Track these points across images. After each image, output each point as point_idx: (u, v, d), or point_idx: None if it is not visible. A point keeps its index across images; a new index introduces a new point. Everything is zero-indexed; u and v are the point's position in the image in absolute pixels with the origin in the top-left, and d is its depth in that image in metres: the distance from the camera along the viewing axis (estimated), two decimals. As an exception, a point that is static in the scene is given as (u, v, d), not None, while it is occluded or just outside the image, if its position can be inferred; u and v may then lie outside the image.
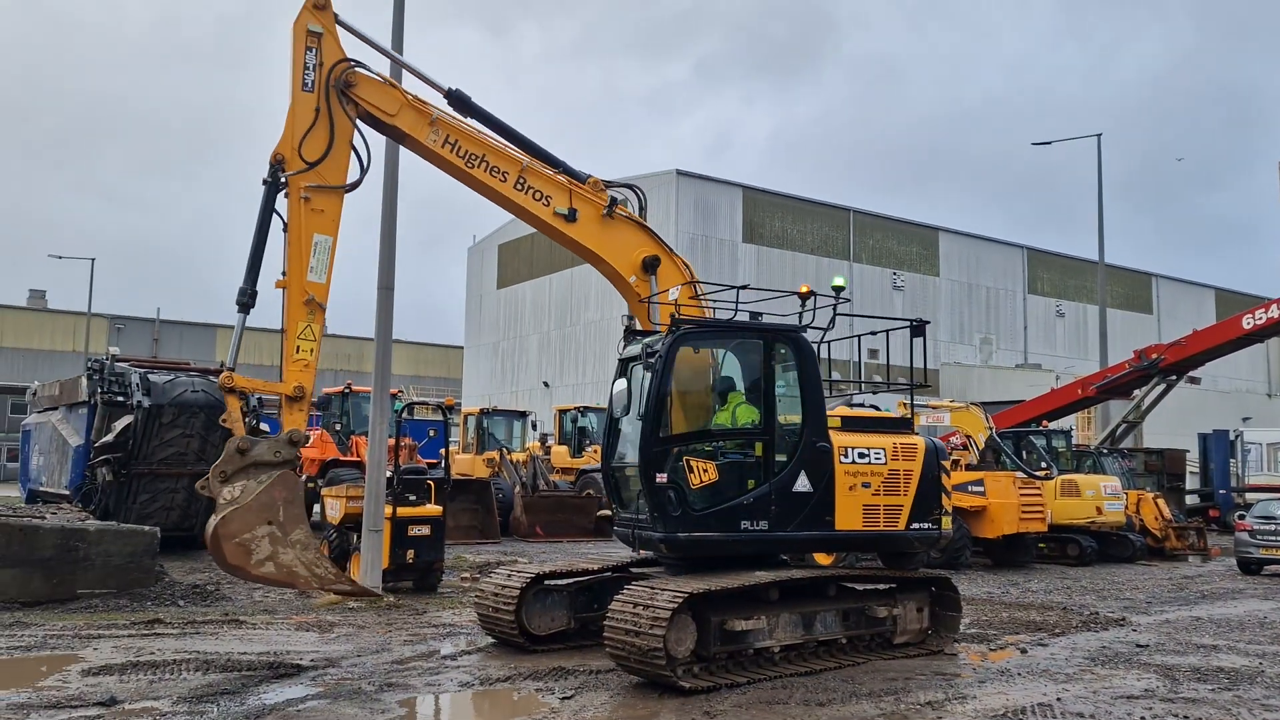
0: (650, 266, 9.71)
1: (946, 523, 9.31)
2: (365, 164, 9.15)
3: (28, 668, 8.25)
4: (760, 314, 9.40)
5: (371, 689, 7.60)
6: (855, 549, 9.41)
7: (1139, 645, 10.20)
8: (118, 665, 8.17)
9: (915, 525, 9.08)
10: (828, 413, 9.16)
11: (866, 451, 8.93)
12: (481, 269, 53.10)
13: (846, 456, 8.82)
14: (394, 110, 9.18)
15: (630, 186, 10.45)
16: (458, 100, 9.28)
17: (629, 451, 8.77)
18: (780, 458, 8.62)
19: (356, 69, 9.12)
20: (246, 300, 8.87)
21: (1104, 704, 7.57)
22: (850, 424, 9.21)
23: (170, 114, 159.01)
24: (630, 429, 8.75)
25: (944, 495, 9.32)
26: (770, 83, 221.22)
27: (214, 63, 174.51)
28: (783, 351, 8.88)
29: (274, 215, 8.84)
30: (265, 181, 8.80)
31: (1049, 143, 34.62)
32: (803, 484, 8.59)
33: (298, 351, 8.70)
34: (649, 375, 8.35)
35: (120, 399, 16.32)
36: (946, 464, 9.49)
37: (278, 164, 8.77)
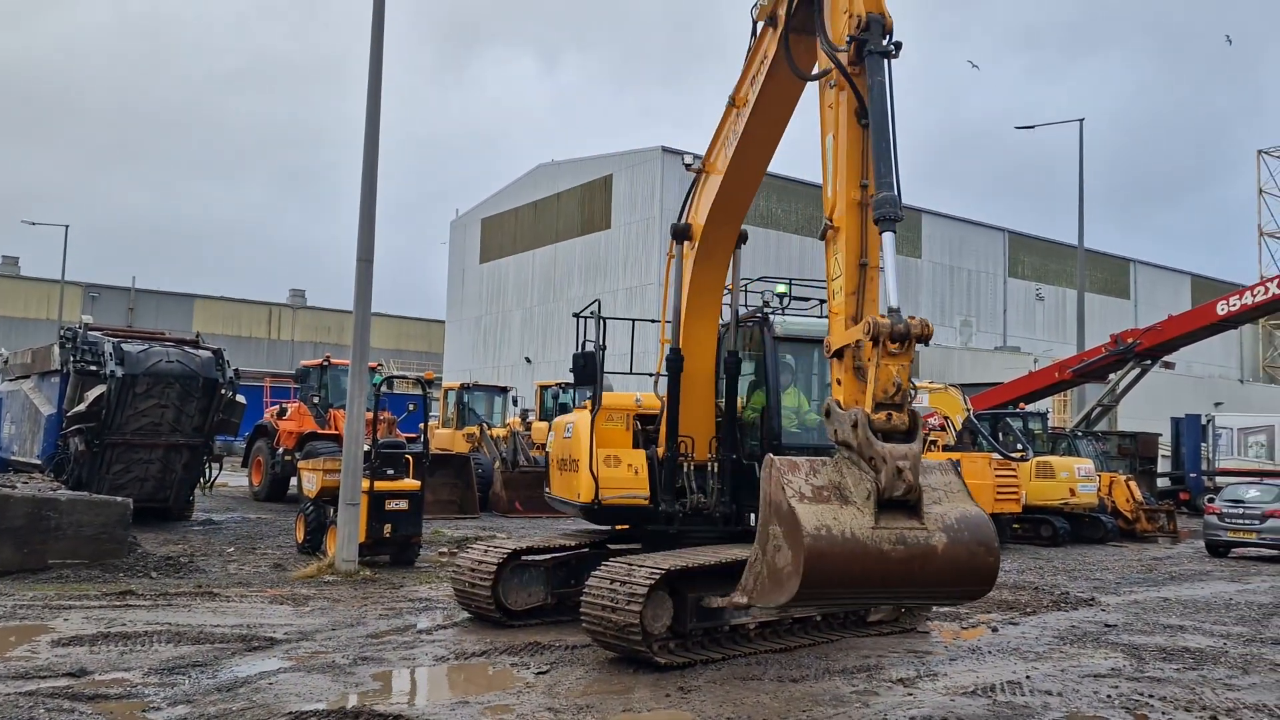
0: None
1: None
2: None
3: (-3, 638, 8.19)
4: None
5: (345, 662, 7.59)
6: None
7: (1107, 625, 10.34)
8: (88, 636, 8.12)
9: None
10: None
11: None
12: (464, 243, 52.73)
13: None
14: None
15: None
16: None
17: None
18: None
19: None
20: None
21: (1071, 682, 7.68)
22: None
23: (237, 124, 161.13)
24: None
25: None
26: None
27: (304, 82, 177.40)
28: None
29: None
30: None
31: (1032, 126, 34.74)
32: None
33: None
34: None
35: (93, 368, 16.13)
36: None
37: None
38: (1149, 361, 27.30)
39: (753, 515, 8.78)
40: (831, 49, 6.45)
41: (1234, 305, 24.86)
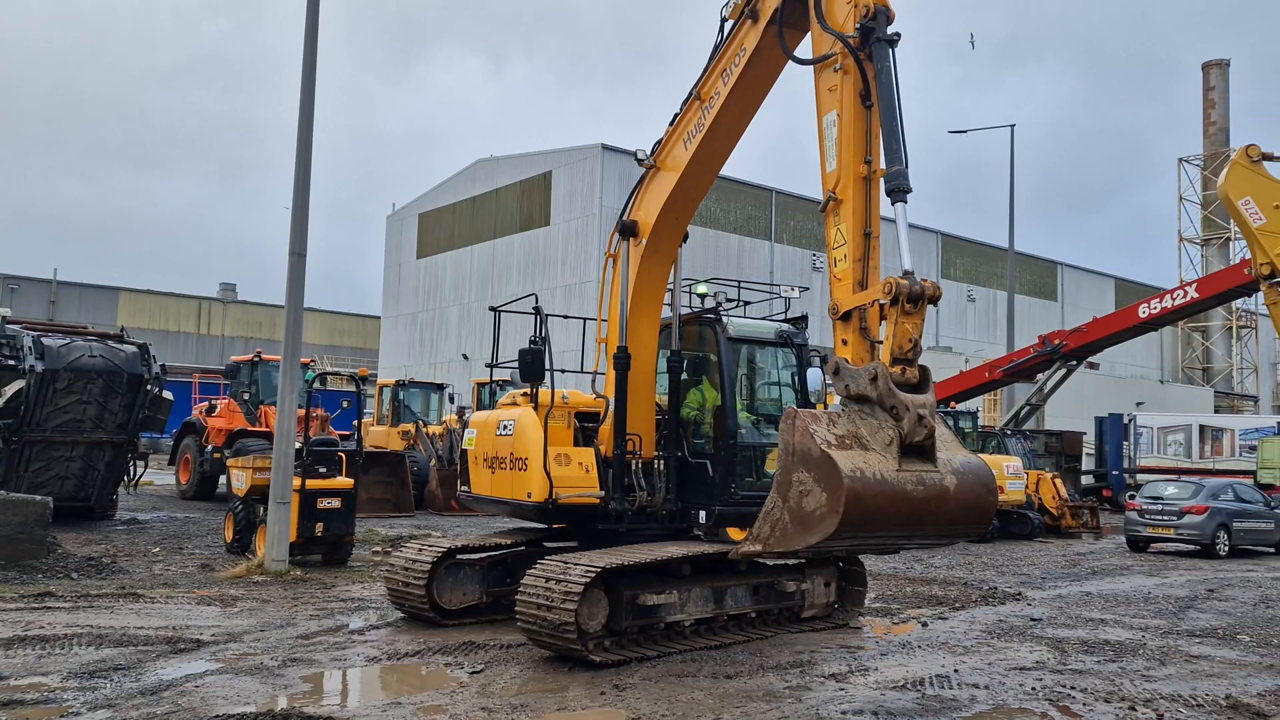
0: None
1: None
2: None
3: (-95, 643, 7.85)
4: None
5: (274, 664, 7.44)
6: None
7: (1033, 619, 10.62)
8: (3, 640, 7.83)
9: None
10: None
11: None
12: (401, 238, 52.03)
13: None
14: None
15: None
16: None
17: None
18: None
19: None
20: None
21: (998, 675, 7.87)
22: None
23: (175, 118, 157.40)
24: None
25: None
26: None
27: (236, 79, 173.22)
28: None
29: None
30: None
31: (965, 131, 35.42)
32: None
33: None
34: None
35: (12, 363, 15.56)
36: None
37: None
38: (1075, 362, 28.07)
39: (702, 513, 8.89)
40: (842, 36, 6.77)
41: (1155, 308, 25.68)
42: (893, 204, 6.42)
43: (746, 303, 10.14)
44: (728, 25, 8.36)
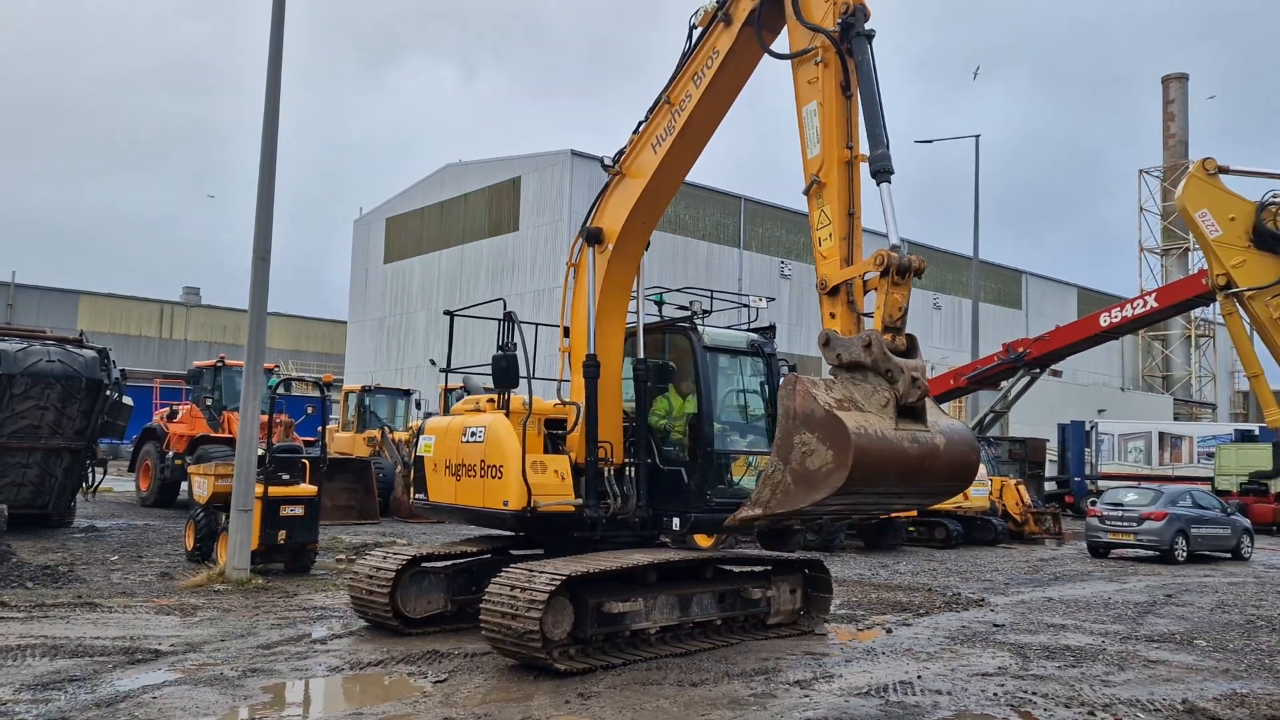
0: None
1: None
2: None
3: None
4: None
5: (234, 674, 7.34)
6: None
7: (995, 625, 10.73)
8: (-46, 652, 7.66)
9: None
10: None
11: None
12: (368, 242, 51.63)
13: None
14: None
15: None
16: None
17: None
18: None
19: None
20: None
21: (960, 681, 7.94)
22: None
23: (146, 121, 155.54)
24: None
25: None
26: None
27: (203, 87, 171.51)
28: None
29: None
30: None
31: (931, 141, 35.88)
32: None
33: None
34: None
35: (-34, 368, 15.25)
36: None
37: None
38: (1038, 370, 28.38)
39: (676, 519, 8.90)
40: (826, 31, 7.08)
41: (1116, 317, 26.04)
42: (878, 184, 6.75)
43: (707, 311, 10.17)
44: (696, 33, 8.55)
